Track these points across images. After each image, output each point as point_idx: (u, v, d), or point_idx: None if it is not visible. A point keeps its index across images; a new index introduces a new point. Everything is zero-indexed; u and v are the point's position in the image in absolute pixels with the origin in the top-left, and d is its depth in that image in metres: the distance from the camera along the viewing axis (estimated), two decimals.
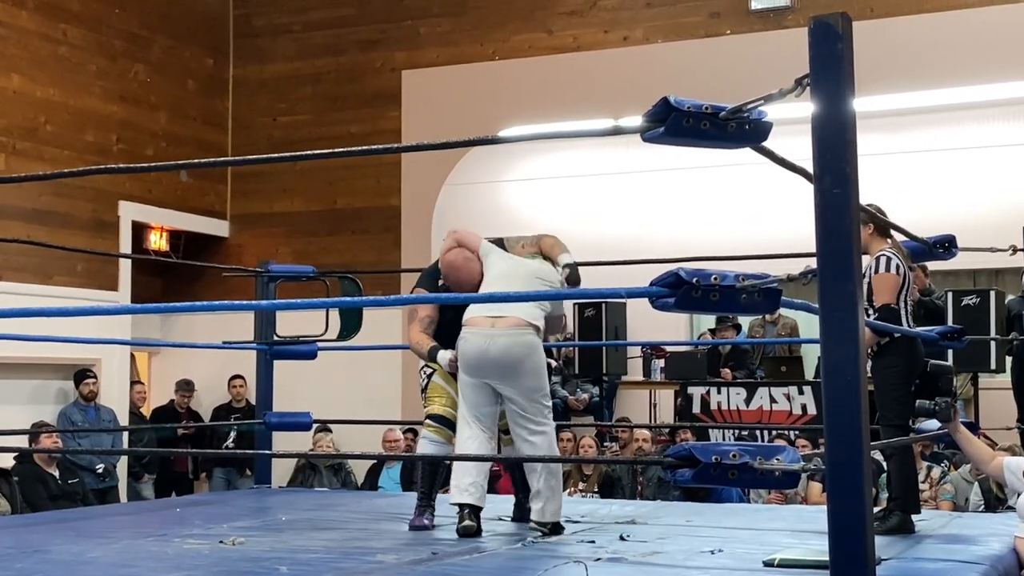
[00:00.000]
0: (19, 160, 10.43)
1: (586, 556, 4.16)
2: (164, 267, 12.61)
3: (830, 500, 2.54)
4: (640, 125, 2.84)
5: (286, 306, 4.37)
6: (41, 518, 6.47)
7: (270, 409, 7.17)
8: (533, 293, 4.73)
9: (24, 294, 9.86)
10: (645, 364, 12.35)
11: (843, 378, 2.51)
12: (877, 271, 5.05)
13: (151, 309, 9.87)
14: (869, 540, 2.49)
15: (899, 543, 4.64)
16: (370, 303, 4.47)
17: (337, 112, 12.57)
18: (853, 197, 2.57)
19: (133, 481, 11.18)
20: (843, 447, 2.51)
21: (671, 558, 4.34)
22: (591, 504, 6.52)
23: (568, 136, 3.90)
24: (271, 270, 7.19)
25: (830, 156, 2.55)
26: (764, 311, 3.17)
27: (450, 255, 5.30)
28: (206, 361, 11.97)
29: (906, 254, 5.17)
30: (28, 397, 10.67)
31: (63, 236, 10.33)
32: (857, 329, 2.51)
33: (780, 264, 4.88)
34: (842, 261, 2.55)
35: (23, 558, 4.18)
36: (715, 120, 2.75)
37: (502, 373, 4.84)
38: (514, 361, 4.83)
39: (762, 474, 2.80)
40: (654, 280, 2.97)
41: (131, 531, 5.23)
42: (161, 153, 11.93)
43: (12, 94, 10.57)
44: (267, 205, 12.82)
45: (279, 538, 4.74)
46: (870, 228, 5.10)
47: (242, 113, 12.98)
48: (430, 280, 5.49)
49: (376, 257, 12.01)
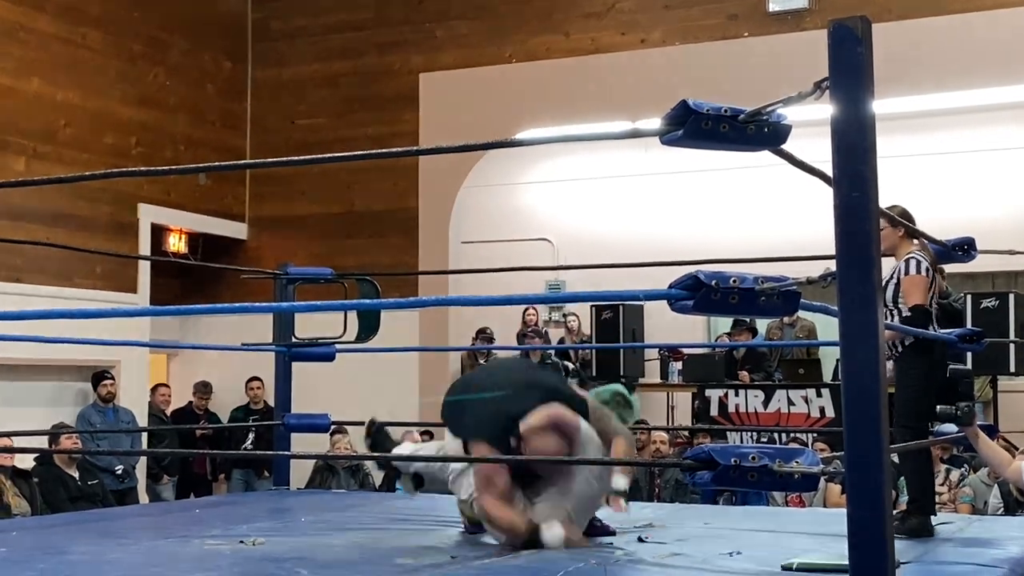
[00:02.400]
0: (39, 163, 10.49)
1: (604, 558, 4.16)
2: (183, 269, 12.66)
3: (850, 503, 2.54)
4: (658, 128, 2.84)
5: (305, 308, 4.38)
6: (61, 519, 6.50)
7: (288, 411, 7.19)
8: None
9: (44, 296, 9.92)
10: (663, 366, 12.34)
11: (862, 380, 2.51)
12: (908, 272, 5.05)
13: (170, 311, 9.94)
14: (889, 543, 2.49)
15: (918, 546, 4.63)
16: (388, 305, 4.47)
17: (355, 115, 12.60)
18: (872, 200, 2.57)
19: (152, 483, 11.23)
20: (863, 450, 2.51)
21: (690, 560, 4.34)
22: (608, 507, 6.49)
23: (586, 139, 3.90)
24: (289, 272, 7.20)
25: (849, 159, 2.55)
26: (783, 314, 3.16)
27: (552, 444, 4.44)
28: (224, 363, 12.02)
29: (933, 257, 5.16)
30: (47, 399, 10.72)
31: (83, 238, 10.38)
32: (876, 331, 2.51)
33: (799, 266, 4.88)
34: (861, 264, 2.54)
35: (45, 559, 4.20)
36: (734, 123, 2.75)
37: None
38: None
39: (781, 477, 2.79)
40: (673, 282, 2.97)
41: (152, 532, 5.26)
42: (180, 156, 11.98)
43: (32, 97, 10.63)
44: (285, 208, 12.86)
45: (299, 539, 4.75)
46: (900, 231, 5.09)
47: (260, 116, 13.02)
48: (496, 430, 4.48)
49: (394, 259, 12.03)
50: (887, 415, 2.60)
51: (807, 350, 11.45)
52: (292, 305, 6.19)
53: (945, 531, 5.16)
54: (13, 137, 10.41)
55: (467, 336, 12.58)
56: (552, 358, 12.62)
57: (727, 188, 13.24)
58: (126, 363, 11.16)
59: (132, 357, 11.20)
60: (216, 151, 12.34)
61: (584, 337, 13.13)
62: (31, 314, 3.99)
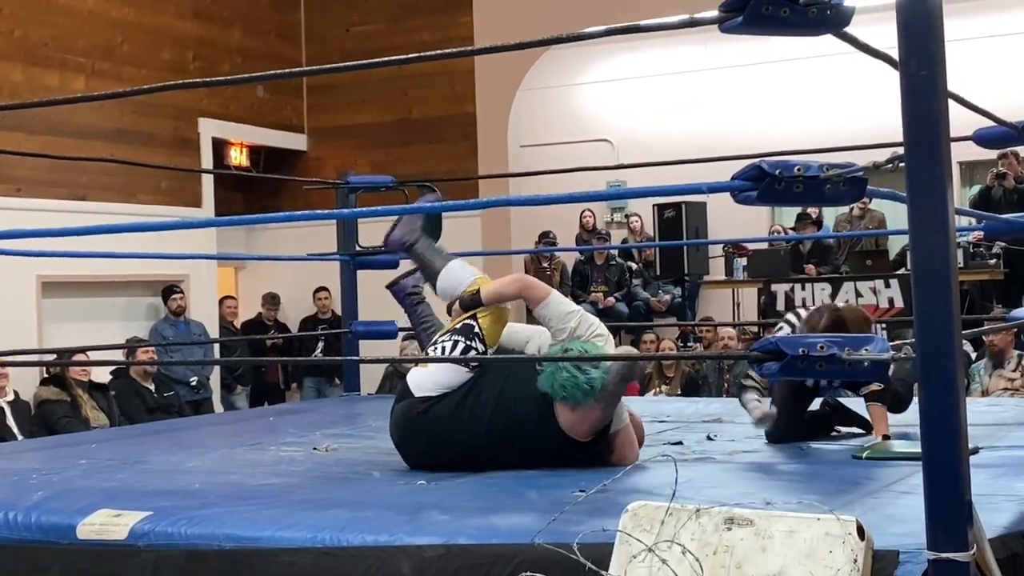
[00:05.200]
0: (98, 80, 10.55)
1: (674, 455, 4.17)
2: (245, 182, 12.75)
3: (921, 390, 2.51)
4: (718, 15, 2.77)
5: (368, 213, 4.41)
6: (139, 430, 6.63)
7: (355, 319, 7.25)
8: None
9: (110, 213, 10.06)
10: (727, 263, 12.28)
11: (933, 265, 2.46)
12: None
13: (236, 221, 10.04)
14: (963, 430, 2.46)
15: (991, 432, 4.59)
16: (450, 207, 4.46)
17: (409, 20, 12.50)
18: (941, 80, 2.49)
19: (226, 393, 11.44)
20: (934, 336, 2.47)
21: (759, 456, 4.35)
22: (676, 403, 6.52)
23: (643, 30, 3.83)
24: (351, 181, 7.21)
25: (916, 37, 2.47)
26: (850, 201, 3.10)
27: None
28: (291, 274, 12.14)
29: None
30: (119, 314, 10.92)
31: (145, 154, 10.48)
32: (947, 215, 2.45)
33: (864, 155, 4.78)
34: (930, 146, 2.47)
35: (124, 469, 4.30)
36: (795, 6, 2.67)
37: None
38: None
39: (850, 365, 2.76)
40: (735, 174, 2.92)
41: (227, 440, 5.35)
42: (237, 68, 11.98)
43: (88, 15, 10.65)
44: (343, 117, 12.85)
45: (371, 444, 4.82)
46: None
47: (315, 25, 12.97)
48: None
49: (453, 165, 12.01)
50: (958, 301, 2.55)
51: (876, 241, 11.32)
52: (355, 212, 6.21)
53: (1018, 416, 5.12)
54: (71, 55, 10.47)
55: (530, 240, 12.58)
56: (616, 259, 12.61)
57: (787, 80, 13.02)
58: (194, 277, 11.31)
59: (200, 271, 11.36)
60: (273, 62, 12.32)
61: (647, 237, 13.08)
62: (101, 228, 4.00)
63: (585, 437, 3.95)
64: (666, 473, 3.34)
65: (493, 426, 3.97)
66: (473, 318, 4.20)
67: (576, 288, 12.43)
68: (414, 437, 4.08)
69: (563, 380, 3.84)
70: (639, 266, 12.75)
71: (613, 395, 3.90)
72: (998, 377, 8.53)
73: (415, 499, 3.44)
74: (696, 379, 9.76)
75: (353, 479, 3.96)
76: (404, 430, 4.12)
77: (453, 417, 3.99)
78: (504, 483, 3.70)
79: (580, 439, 3.94)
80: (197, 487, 3.77)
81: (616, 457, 4.00)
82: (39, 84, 10.10)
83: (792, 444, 4.51)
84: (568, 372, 3.83)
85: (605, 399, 3.87)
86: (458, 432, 3.98)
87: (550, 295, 4.21)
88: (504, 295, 4.28)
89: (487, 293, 4.24)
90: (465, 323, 4.20)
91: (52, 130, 9.94)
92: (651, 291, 12.53)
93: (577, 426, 3.91)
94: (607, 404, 3.90)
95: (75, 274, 9.87)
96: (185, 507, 3.32)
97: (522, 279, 4.39)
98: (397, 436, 4.16)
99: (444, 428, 4.00)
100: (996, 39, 11.95)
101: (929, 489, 2.45)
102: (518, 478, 3.77)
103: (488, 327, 4.19)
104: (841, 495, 3.33)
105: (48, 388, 8.87)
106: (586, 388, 3.81)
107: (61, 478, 4.04)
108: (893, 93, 2.57)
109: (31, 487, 3.75)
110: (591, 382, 3.82)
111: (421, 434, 4.05)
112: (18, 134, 9.52)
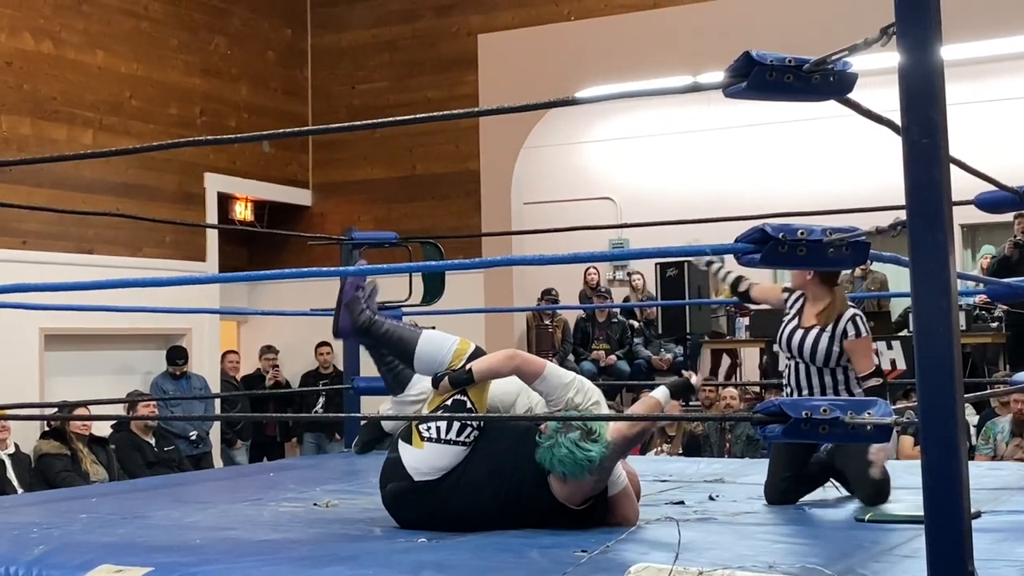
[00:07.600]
0: (106, 135, 10.63)
1: (676, 516, 4.16)
2: (250, 237, 12.81)
3: (924, 454, 2.51)
4: (722, 80, 2.80)
5: (371, 271, 4.40)
6: (139, 484, 6.60)
7: (357, 374, 7.26)
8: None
9: (115, 266, 10.09)
10: (729, 323, 12.29)
11: (935, 329, 2.47)
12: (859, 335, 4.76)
13: (240, 277, 10.09)
14: (965, 493, 2.46)
15: (994, 496, 4.58)
16: (453, 266, 4.48)
17: (414, 78, 12.61)
18: (943, 146, 2.52)
19: (226, 447, 11.40)
20: (936, 400, 2.48)
21: (762, 517, 4.34)
22: (678, 463, 6.51)
23: (647, 94, 3.87)
24: (354, 237, 7.25)
25: (918, 105, 2.50)
26: (852, 265, 3.12)
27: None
28: (293, 329, 12.15)
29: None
30: (121, 367, 10.90)
31: (151, 208, 10.54)
32: (949, 280, 2.47)
33: (867, 218, 4.81)
34: (932, 212, 2.50)
35: (124, 523, 4.29)
36: (799, 73, 2.70)
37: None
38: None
39: (853, 428, 2.77)
40: (739, 236, 2.95)
41: (227, 495, 5.34)
42: (243, 124, 12.08)
43: (97, 70, 10.75)
44: (348, 173, 12.93)
45: (371, 500, 4.79)
46: (808, 273, 4.73)
47: (321, 82, 13.08)
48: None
49: (457, 222, 12.06)
50: (960, 364, 2.56)
51: (878, 302, 11.32)
52: (359, 268, 6.21)
53: (1019, 480, 5.10)
54: (80, 110, 10.55)
55: (532, 298, 12.60)
56: (618, 317, 12.62)
57: (790, 142, 13.10)
58: (197, 330, 11.33)
59: (203, 324, 11.38)
60: (279, 119, 12.42)
61: (649, 295, 13.11)
62: (104, 284, 4.04)
63: (580, 505, 3.96)
64: (668, 534, 3.33)
65: (492, 493, 3.99)
66: (463, 392, 4.14)
67: (578, 345, 12.44)
68: (412, 510, 4.08)
69: (561, 456, 3.83)
70: (641, 324, 12.77)
71: (607, 469, 3.92)
72: (1015, 447, 8.20)
73: (415, 557, 3.43)
74: (698, 438, 9.73)
75: (354, 536, 3.95)
76: (402, 504, 4.10)
77: (453, 490, 4.01)
78: (505, 542, 3.69)
79: (575, 508, 3.96)
80: (198, 543, 3.77)
81: (618, 518, 4.00)
82: (47, 137, 10.17)
83: (793, 506, 4.50)
84: (567, 448, 3.82)
85: (598, 472, 3.88)
86: (458, 500, 4.00)
87: (545, 369, 4.20)
88: (499, 374, 4.23)
89: (480, 372, 4.15)
90: (456, 399, 4.13)
91: (58, 183, 10.01)
92: (653, 349, 12.54)
93: (572, 497, 3.94)
94: (599, 478, 3.92)
95: (77, 327, 9.89)
96: (186, 563, 3.31)
97: (516, 356, 4.26)
98: (394, 510, 4.15)
99: (444, 499, 4.01)
100: (996, 103, 12.05)
101: (931, 554, 2.45)
102: (519, 537, 3.76)
103: (477, 398, 4.17)
104: (844, 558, 3.32)
105: (48, 442, 8.84)
106: (584, 464, 3.82)
107: (62, 532, 4.03)
108: (896, 154, 2.60)
109: (32, 541, 3.74)
110: (590, 458, 3.82)
111: (419, 507, 4.05)
112: (24, 187, 9.58)
